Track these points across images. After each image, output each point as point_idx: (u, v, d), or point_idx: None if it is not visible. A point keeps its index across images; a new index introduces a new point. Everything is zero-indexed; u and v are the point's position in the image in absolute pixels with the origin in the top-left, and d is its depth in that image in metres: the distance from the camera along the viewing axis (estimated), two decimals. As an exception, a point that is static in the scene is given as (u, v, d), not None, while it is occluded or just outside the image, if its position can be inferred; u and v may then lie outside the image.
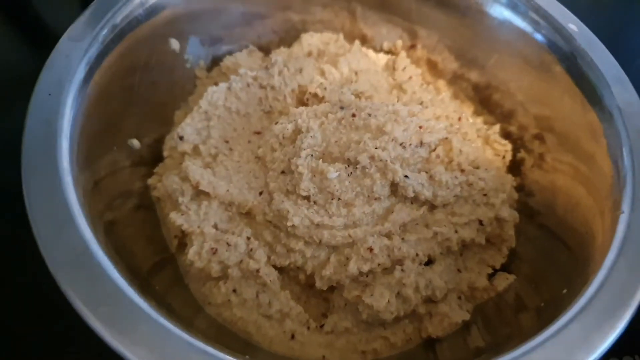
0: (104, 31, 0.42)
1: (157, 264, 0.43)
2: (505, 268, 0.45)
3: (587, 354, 0.31)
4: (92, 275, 0.30)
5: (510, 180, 0.48)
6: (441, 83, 0.57)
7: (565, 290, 0.36)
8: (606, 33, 0.47)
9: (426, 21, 0.56)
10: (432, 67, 0.57)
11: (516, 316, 0.42)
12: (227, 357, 0.30)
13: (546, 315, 0.35)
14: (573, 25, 0.46)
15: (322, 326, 0.41)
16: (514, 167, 0.51)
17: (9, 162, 0.35)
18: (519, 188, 0.49)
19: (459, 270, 0.43)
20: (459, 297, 0.43)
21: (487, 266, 0.45)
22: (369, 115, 0.43)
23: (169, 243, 0.45)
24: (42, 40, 0.65)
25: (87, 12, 0.43)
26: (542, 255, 0.45)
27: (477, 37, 0.53)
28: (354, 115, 0.43)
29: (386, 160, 0.40)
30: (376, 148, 0.41)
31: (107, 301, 0.30)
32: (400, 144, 0.42)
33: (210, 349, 0.30)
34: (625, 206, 0.37)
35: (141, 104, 0.48)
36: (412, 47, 0.57)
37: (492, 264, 0.45)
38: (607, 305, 0.33)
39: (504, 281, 0.44)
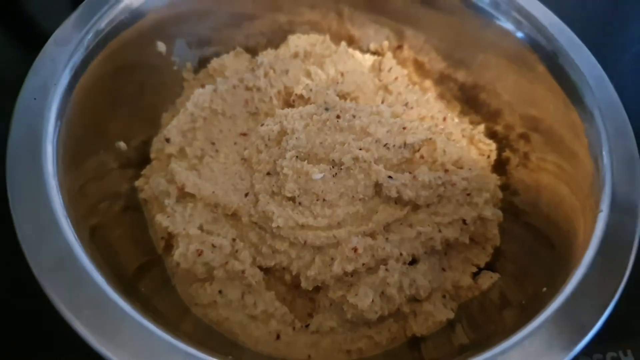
0: (90, 35, 0.42)
1: (145, 264, 0.44)
2: (489, 266, 0.46)
3: (564, 350, 0.32)
4: (76, 279, 0.31)
5: (494, 180, 0.48)
6: (428, 83, 0.57)
7: (545, 289, 0.37)
8: (588, 32, 0.48)
9: (413, 22, 0.57)
10: (419, 68, 0.57)
11: (500, 313, 0.43)
12: (211, 358, 0.30)
13: (529, 312, 0.36)
14: (554, 25, 0.46)
15: (307, 326, 0.41)
16: (500, 167, 0.51)
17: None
18: (504, 187, 0.50)
19: (443, 269, 0.44)
20: (444, 296, 0.43)
21: (471, 265, 0.45)
22: (353, 116, 0.43)
23: (156, 244, 0.45)
24: (33, 41, 0.65)
25: (73, 16, 0.43)
26: (527, 253, 0.45)
27: (463, 38, 0.54)
28: (338, 117, 0.43)
29: (370, 161, 0.41)
30: (360, 149, 0.41)
31: (91, 305, 0.30)
32: (384, 145, 0.42)
33: (193, 351, 0.30)
34: (604, 205, 0.38)
35: (128, 106, 0.48)
36: (399, 47, 0.57)
37: (476, 263, 0.45)
38: (584, 303, 0.33)
39: (488, 280, 0.44)
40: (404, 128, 0.43)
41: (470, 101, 0.56)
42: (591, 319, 0.33)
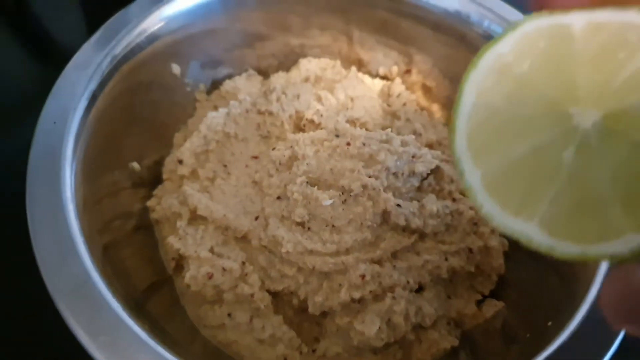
0: (107, 59, 0.43)
1: (155, 284, 0.45)
2: (494, 294, 0.47)
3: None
4: (93, 304, 0.32)
5: (500, 208, 0.49)
6: (435, 107, 0.58)
7: (550, 323, 0.37)
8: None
9: (422, 46, 0.58)
10: (427, 92, 0.58)
11: (505, 344, 0.43)
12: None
13: (533, 347, 0.37)
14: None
15: (314, 351, 0.42)
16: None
17: (14, 181, 0.36)
18: (510, 214, 0.50)
19: (448, 297, 0.45)
20: (448, 323, 0.44)
21: (476, 292, 0.46)
22: (363, 144, 0.44)
23: (167, 265, 0.46)
24: (50, 58, 0.66)
25: (92, 40, 0.44)
26: (532, 282, 0.46)
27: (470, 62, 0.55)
28: (348, 144, 0.44)
29: (379, 189, 0.42)
30: (369, 177, 0.42)
31: (107, 330, 0.31)
32: (393, 174, 0.43)
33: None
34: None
35: (142, 126, 0.49)
36: (407, 72, 0.58)
37: (481, 291, 0.46)
38: (589, 341, 0.34)
39: (492, 308, 0.45)
40: (413, 157, 0.44)
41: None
42: (596, 355, 0.34)
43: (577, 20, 0.18)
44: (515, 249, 0.48)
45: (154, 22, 0.46)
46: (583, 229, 0.18)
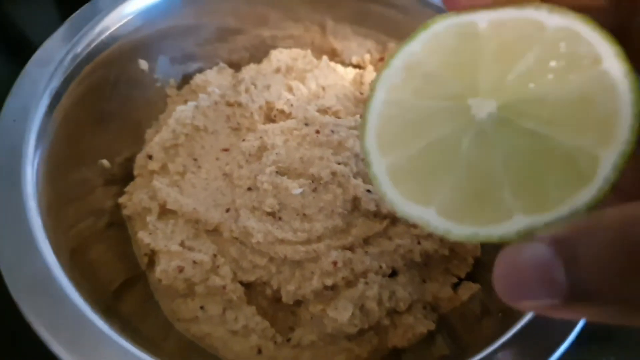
0: (70, 55, 0.43)
1: (129, 280, 0.44)
2: (470, 277, 0.46)
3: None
4: (55, 300, 0.31)
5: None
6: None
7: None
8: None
9: (395, 33, 0.57)
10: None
11: (480, 323, 0.43)
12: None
13: (506, 323, 0.37)
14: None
15: (288, 340, 0.41)
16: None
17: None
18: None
19: (423, 281, 0.44)
20: (424, 307, 0.44)
21: (452, 275, 0.46)
22: (332, 131, 0.44)
23: (140, 261, 0.45)
24: (23, 55, 0.65)
25: (55, 36, 0.44)
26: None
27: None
28: (317, 132, 0.44)
29: (348, 176, 0.42)
30: (338, 164, 0.42)
31: (69, 326, 0.31)
32: (362, 159, 0.43)
33: (170, 370, 0.31)
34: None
35: (112, 124, 0.49)
36: (381, 59, 0.58)
37: (457, 274, 0.46)
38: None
39: (468, 290, 0.45)
40: (382, 142, 0.43)
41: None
42: (566, 328, 0.33)
43: (482, 18, 0.20)
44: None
45: (116, 19, 0.46)
46: (477, 213, 0.19)
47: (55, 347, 0.30)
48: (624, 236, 0.15)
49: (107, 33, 0.45)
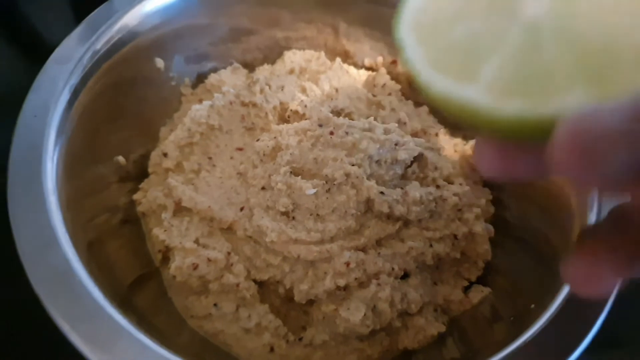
0: (89, 53, 0.43)
1: (143, 276, 0.45)
2: (481, 280, 0.47)
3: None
4: (74, 293, 0.32)
5: (486, 195, 0.49)
6: (421, 97, 0.58)
7: (533, 305, 0.37)
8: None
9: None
10: (412, 82, 0.58)
11: (491, 327, 0.43)
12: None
13: (518, 328, 0.37)
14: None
15: (300, 339, 0.42)
16: (492, 181, 0.52)
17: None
18: (496, 201, 0.51)
19: (435, 284, 0.45)
20: (435, 310, 0.44)
21: (463, 279, 0.46)
22: (346, 133, 0.44)
23: (154, 257, 0.46)
24: (38, 54, 0.66)
25: (73, 34, 0.44)
26: (518, 267, 0.46)
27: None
28: (331, 133, 0.44)
29: (362, 177, 0.42)
30: (352, 165, 0.42)
31: (88, 319, 0.31)
32: (376, 162, 0.43)
33: (186, 364, 0.31)
34: (592, 220, 0.38)
35: (127, 121, 0.49)
36: (393, 62, 0.58)
37: (467, 277, 0.46)
38: (572, 320, 0.34)
39: (479, 294, 0.45)
40: (396, 144, 0.44)
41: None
42: (578, 335, 0.34)
43: None
44: (501, 236, 0.48)
45: (135, 17, 0.46)
46: (530, 87, 0.17)
47: (75, 339, 0.30)
48: None
49: (126, 31, 0.46)
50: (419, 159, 0.45)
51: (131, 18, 0.46)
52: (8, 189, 0.35)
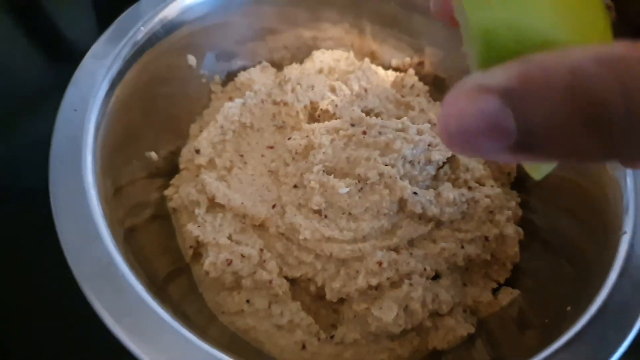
0: (126, 49, 0.44)
1: (173, 272, 0.45)
2: (509, 282, 0.47)
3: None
4: (117, 287, 0.32)
5: (515, 197, 0.49)
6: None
7: (569, 308, 0.37)
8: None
9: (433, 39, 0.58)
10: (440, 84, 0.59)
11: (520, 331, 0.43)
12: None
13: (550, 332, 0.37)
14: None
15: (332, 337, 0.42)
16: (520, 184, 0.52)
17: (34, 171, 0.37)
18: (524, 204, 0.51)
19: (464, 285, 0.45)
20: (464, 311, 0.44)
21: (491, 281, 0.46)
22: (379, 133, 0.44)
23: (184, 253, 0.46)
24: (61, 55, 0.67)
25: (109, 31, 0.44)
26: (546, 270, 0.46)
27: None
28: (364, 133, 0.44)
29: (395, 177, 0.42)
30: (385, 165, 0.42)
31: (130, 312, 0.31)
32: (409, 162, 0.43)
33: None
34: (628, 227, 0.38)
35: (159, 117, 0.49)
36: (420, 64, 0.59)
37: (496, 279, 0.46)
38: (609, 325, 0.34)
39: (508, 296, 0.45)
40: (429, 145, 0.44)
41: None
42: (616, 339, 0.34)
43: None
44: (528, 239, 0.48)
45: (172, 11, 0.47)
46: None
47: (118, 332, 0.31)
48: (573, 88, 0.15)
49: (163, 24, 0.46)
50: (451, 160, 0.45)
51: (170, 11, 0.47)
52: (50, 183, 0.36)
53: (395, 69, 0.59)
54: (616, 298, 0.35)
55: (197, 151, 0.47)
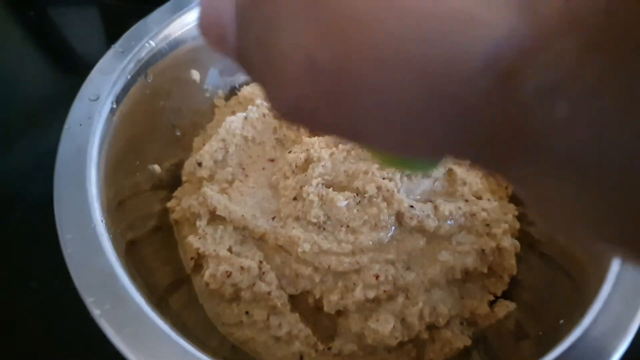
0: (131, 64, 0.45)
1: (174, 283, 0.46)
2: (506, 295, 0.47)
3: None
4: (118, 298, 0.33)
5: (512, 210, 0.49)
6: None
7: (562, 321, 0.38)
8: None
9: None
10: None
11: (516, 343, 0.44)
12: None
13: (545, 343, 0.37)
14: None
15: (329, 348, 0.42)
16: (517, 197, 0.53)
17: (40, 182, 0.38)
18: (521, 217, 0.51)
19: (461, 297, 0.45)
20: (461, 323, 0.45)
21: (488, 293, 0.46)
22: (378, 147, 0.45)
23: (185, 264, 0.47)
24: (70, 68, 0.68)
25: (115, 47, 0.46)
26: (543, 283, 0.46)
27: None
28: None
29: (393, 191, 0.43)
30: (383, 178, 0.43)
31: (131, 323, 0.32)
32: (407, 176, 0.44)
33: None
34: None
35: (163, 130, 0.51)
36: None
37: (493, 291, 0.46)
38: (603, 336, 0.34)
39: (504, 308, 0.45)
40: (426, 159, 0.45)
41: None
42: (610, 350, 0.34)
43: None
44: (525, 251, 0.48)
45: (176, 28, 0.48)
46: None
47: (118, 342, 0.31)
48: None
49: (168, 40, 0.47)
50: (448, 173, 0.46)
51: (174, 28, 0.48)
52: (55, 195, 0.37)
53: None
54: (610, 309, 0.36)
55: (199, 164, 0.48)
